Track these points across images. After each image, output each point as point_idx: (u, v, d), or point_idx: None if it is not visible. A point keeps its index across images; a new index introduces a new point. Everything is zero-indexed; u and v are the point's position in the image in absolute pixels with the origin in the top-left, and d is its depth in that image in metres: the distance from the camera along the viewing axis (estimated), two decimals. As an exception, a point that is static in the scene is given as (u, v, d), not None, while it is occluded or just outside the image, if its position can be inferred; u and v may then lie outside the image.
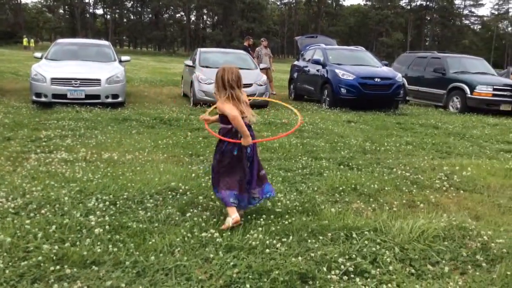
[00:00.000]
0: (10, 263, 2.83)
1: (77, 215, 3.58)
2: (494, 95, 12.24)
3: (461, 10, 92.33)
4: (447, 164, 5.99)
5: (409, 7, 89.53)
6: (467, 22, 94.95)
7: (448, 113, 12.34)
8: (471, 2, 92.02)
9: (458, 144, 7.60)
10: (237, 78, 3.48)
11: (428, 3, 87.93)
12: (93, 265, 2.85)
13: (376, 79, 11.71)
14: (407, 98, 14.72)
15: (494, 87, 12.31)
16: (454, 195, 4.74)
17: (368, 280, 2.86)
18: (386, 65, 13.49)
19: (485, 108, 12.19)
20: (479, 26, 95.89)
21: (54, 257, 2.89)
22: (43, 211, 3.64)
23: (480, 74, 13.33)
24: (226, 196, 3.53)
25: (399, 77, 12.24)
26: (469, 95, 12.29)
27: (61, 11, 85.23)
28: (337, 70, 11.89)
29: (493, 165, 6.04)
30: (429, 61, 14.43)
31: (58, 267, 2.78)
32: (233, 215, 3.49)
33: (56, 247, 3.00)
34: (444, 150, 7.04)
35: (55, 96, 9.57)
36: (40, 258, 2.86)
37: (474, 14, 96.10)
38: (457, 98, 12.74)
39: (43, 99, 9.58)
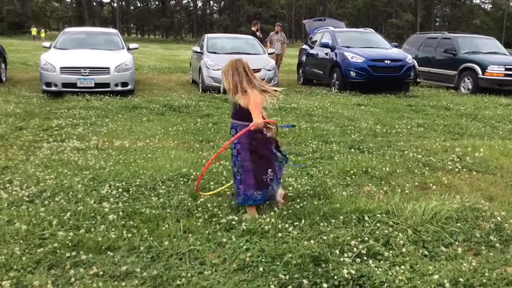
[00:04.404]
0: (26, 250, 2.88)
1: (90, 202, 3.63)
2: (506, 75, 12.04)
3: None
4: (459, 145, 5.94)
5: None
6: (477, 1, 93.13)
7: (459, 94, 12.20)
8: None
9: (470, 125, 7.52)
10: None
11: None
12: (108, 251, 2.89)
13: (386, 61, 11.59)
14: (418, 79, 14.57)
15: (506, 66, 12.11)
16: (466, 177, 4.70)
17: (381, 262, 2.86)
18: (396, 46, 13.32)
19: (497, 88, 12.02)
20: (490, 5, 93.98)
21: (70, 244, 2.93)
22: (57, 199, 3.69)
23: (492, 54, 13.12)
24: None
25: (409, 58, 12.11)
26: (481, 76, 12.11)
27: (68, 0, 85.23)
28: (346, 53, 11.77)
29: (506, 146, 5.98)
30: (440, 41, 14.21)
31: (74, 253, 2.83)
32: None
33: (71, 233, 3.05)
34: (456, 132, 6.98)
35: (65, 85, 9.62)
36: (55, 244, 2.90)
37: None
38: (468, 79, 12.57)
39: (53, 88, 9.64)
